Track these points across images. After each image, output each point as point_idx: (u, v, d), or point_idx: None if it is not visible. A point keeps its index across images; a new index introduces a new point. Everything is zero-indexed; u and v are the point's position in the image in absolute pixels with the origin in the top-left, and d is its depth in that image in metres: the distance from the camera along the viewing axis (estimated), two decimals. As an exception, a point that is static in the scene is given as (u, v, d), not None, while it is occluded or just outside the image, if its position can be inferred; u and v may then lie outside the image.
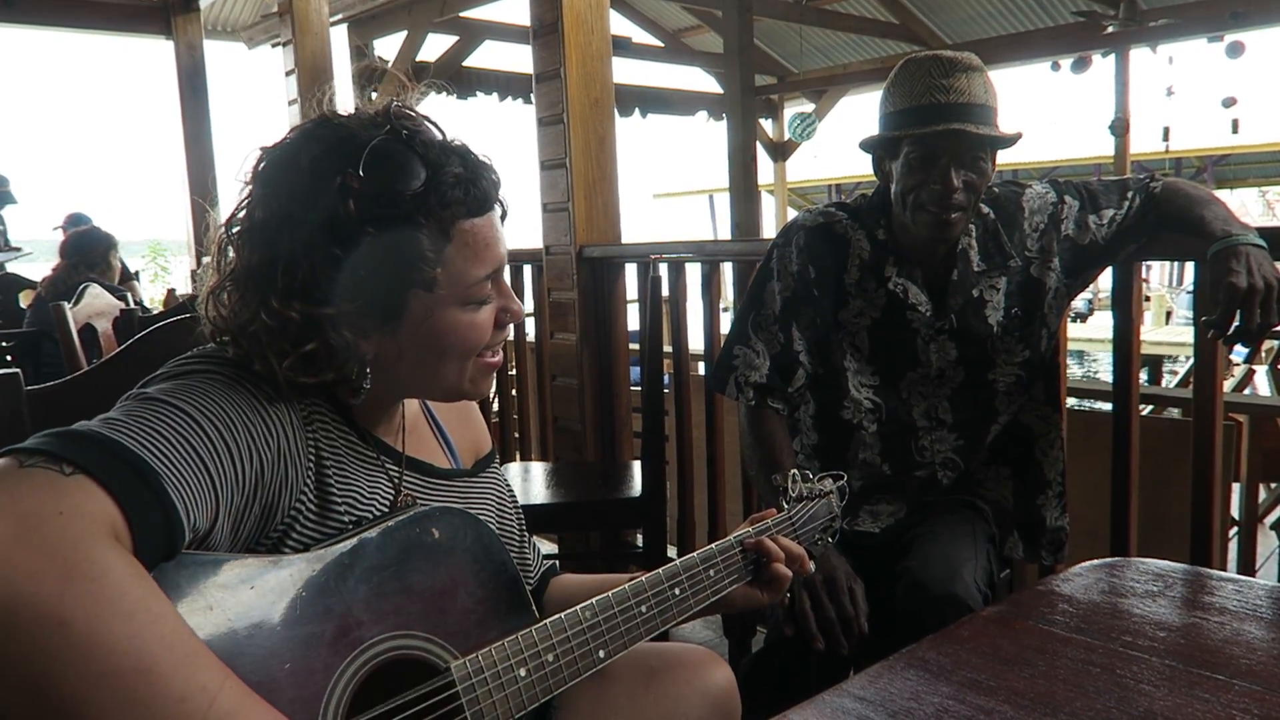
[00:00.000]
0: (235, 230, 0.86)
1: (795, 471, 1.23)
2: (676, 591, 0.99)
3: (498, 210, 0.90)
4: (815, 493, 1.24)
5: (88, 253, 4.03)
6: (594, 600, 0.91)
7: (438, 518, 0.86)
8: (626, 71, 8.74)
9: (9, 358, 3.87)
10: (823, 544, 1.25)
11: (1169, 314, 10.74)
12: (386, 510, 0.91)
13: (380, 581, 0.79)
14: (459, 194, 0.84)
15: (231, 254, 0.86)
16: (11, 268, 5.63)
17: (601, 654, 0.90)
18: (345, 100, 0.91)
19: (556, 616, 0.88)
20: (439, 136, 0.87)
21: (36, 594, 0.56)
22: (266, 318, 0.81)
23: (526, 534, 1.12)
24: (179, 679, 0.60)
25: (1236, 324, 1.31)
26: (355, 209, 0.80)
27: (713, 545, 1.06)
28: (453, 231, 0.85)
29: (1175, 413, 3.30)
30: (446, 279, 0.85)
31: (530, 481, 2.41)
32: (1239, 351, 1.38)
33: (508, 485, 1.11)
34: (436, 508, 0.88)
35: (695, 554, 1.04)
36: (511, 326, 0.95)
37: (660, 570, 0.99)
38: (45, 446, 0.63)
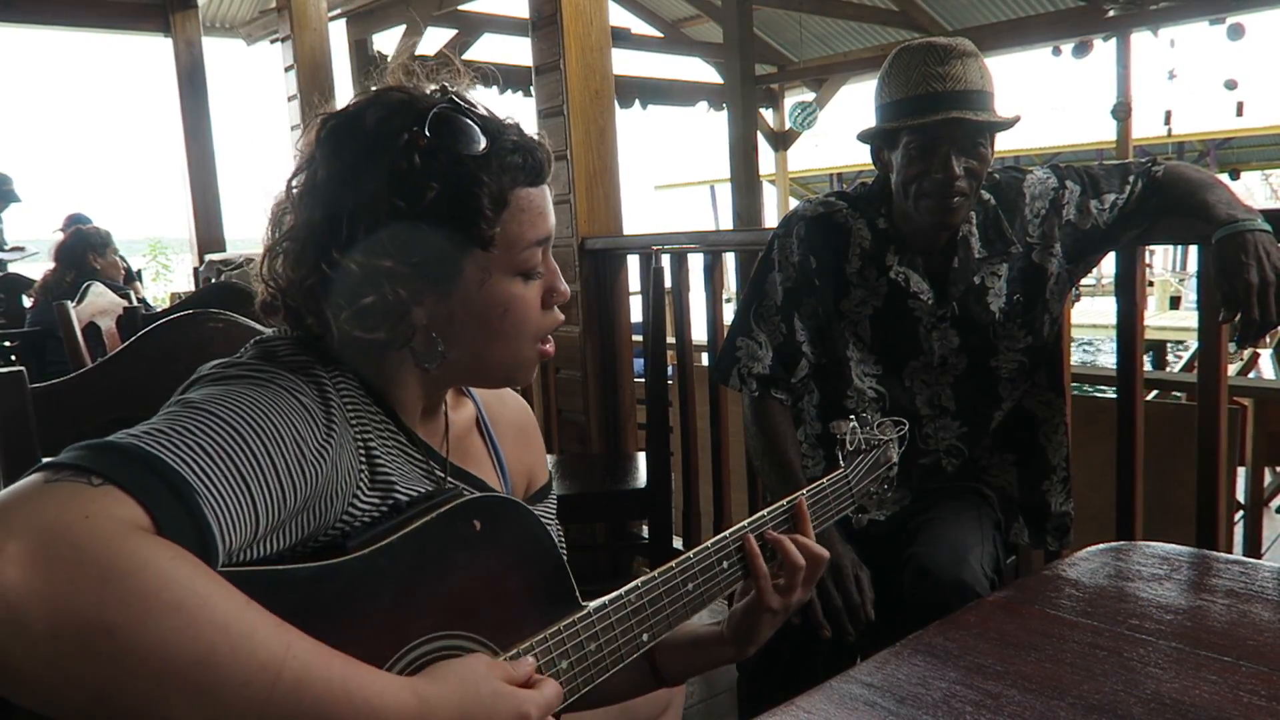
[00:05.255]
0: (295, 192, 0.85)
1: (854, 421, 1.18)
2: (725, 565, 0.96)
3: (549, 185, 0.90)
4: (874, 442, 1.18)
5: (69, 253, 4.13)
6: (639, 580, 0.88)
7: (479, 508, 0.83)
8: (626, 63, 8.74)
9: (13, 356, 3.88)
10: (878, 497, 1.20)
11: (1178, 300, 10.68)
12: None
13: (423, 580, 0.77)
14: (518, 160, 0.85)
15: (288, 217, 0.86)
16: (14, 267, 5.65)
17: (645, 637, 0.88)
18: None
19: (599, 601, 0.85)
20: (492, 113, 0.88)
21: (75, 606, 0.54)
22: (327, 269, 0.81)
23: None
24: (239, 663, 0.58)
25: (1255, 319, 1.31)
26: (420, 163, 0.81)
27: (763, 512, 1.01)
28: (510, 197, 0.85)
29: (1180, 397, 3.29)
30: (502, 242, 0.85)
31: (535, 474, 2.41)
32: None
33: (556, 521, 1.06)
34: (479, 497, 0.85)
35: (745, 522, 0.99)
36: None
37: (709, 543, 0.96)
38: (75, 460, 0.61)
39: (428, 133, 0.81)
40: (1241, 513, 2.90)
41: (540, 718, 0.74)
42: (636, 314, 3.00)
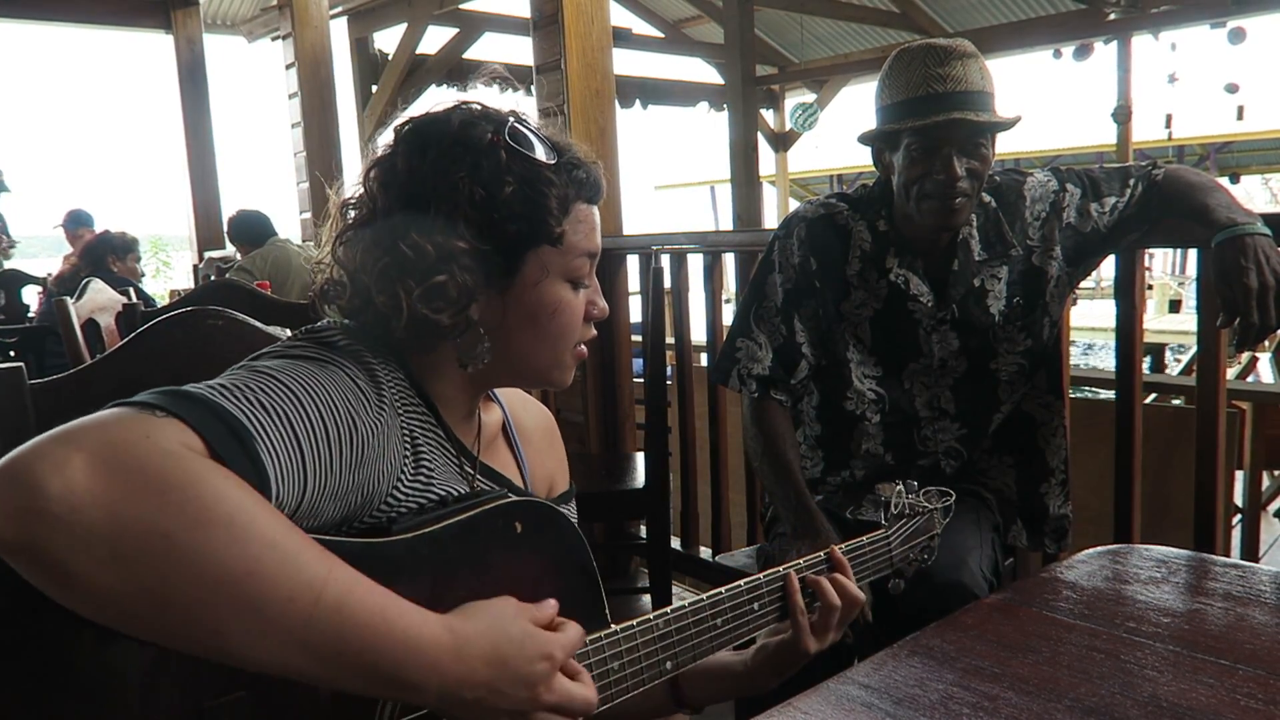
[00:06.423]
0: (372, 183, 0.89)
1: (900, 486, 1.20)
2: (755, 607, 0.99)
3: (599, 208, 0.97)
4: (918, 509, 1.21)
5: (91, 253, 4.39)
6: (669, 609, 0.91)
7: (522, 510, 0.84)
8: (627, 62, 8.72)
9: (12, 353, 3.89)
10: (917, 565, 1.23)
11: (1178, 303, 10.67)
12: None
13: (460, 572, 0.77)
14: (582, 175, 0.92)
15: (354, 212, 0.89)
16: (10, 263, 5.65)
17: (669, 665, 0.89)
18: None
19: (628, 622, 0.87)
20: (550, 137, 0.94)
21: (138, 514, 0.58)
22: (406, 248, 0.84)
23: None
24: (285, 578, 0.62)
25: (1254, 323, 1.31)
26: (501, 161, 0.86)
27: (800, 560, 1.05)
28: (571, 208, 0.91)
29: (1179, 400, 3.30)
30: (564, 245, 0.90)
31: (534, 473, 2.41)
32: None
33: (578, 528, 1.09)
34: (523, 500, 0.86)
35: (779, 568, 1.03)
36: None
37: (741, 582, 0.99)
38: (142, 399, 0.65)
39: (508, 138, 0.88)
40: (1239, 516, 2.91)
41: (563, 659, 0.77)
42: (636, 314, 3.00)
